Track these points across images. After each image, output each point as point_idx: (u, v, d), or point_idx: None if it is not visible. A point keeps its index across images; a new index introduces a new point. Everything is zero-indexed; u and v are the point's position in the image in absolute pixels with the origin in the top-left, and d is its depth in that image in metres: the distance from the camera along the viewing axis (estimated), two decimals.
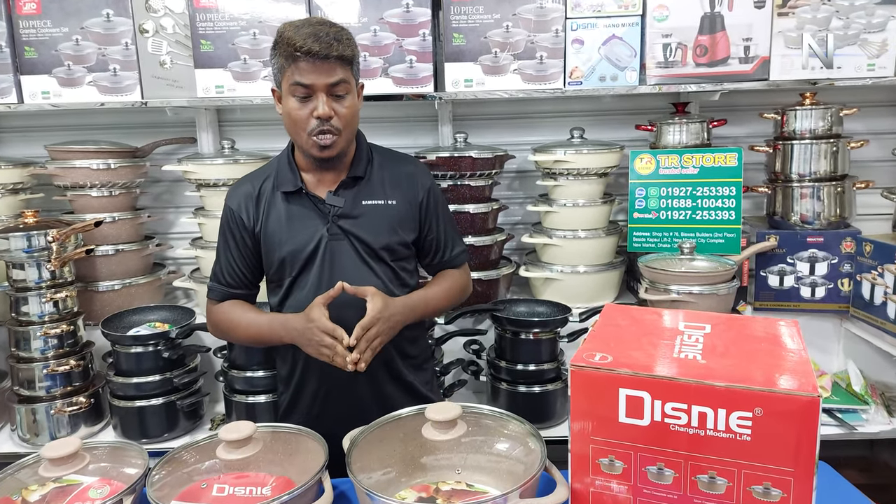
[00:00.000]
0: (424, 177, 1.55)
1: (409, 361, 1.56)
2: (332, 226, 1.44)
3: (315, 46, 1.31)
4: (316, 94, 1.35)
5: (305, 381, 1.52)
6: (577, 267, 2.23)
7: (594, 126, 2.44)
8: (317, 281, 1.44)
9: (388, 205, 1.48)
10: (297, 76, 1.34)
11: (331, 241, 1.44)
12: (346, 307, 1.41)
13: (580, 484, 0.99)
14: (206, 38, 2.10)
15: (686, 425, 0.91)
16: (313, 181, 1.48)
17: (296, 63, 1.34)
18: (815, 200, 2.15)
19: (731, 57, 2.06)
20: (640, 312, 1.20)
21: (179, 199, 2.58)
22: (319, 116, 1.35)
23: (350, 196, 1.46)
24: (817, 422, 0.85)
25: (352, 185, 1.47)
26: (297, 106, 1.37)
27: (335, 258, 1.44)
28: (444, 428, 1.12)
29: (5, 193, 2.27)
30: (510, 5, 2.05)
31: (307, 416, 1.52)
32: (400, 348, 1.52)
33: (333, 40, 1.33)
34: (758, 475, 0.88)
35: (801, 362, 0.97)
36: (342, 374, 1.46)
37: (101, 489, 1.13)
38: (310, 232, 1.44)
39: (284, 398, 1.58)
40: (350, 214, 1.45)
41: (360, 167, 1.48)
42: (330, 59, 1.33)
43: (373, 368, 1.47)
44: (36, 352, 1.99)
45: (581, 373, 0.96)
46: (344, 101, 1.38)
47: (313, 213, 1.46)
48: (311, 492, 1.07)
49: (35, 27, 2.14)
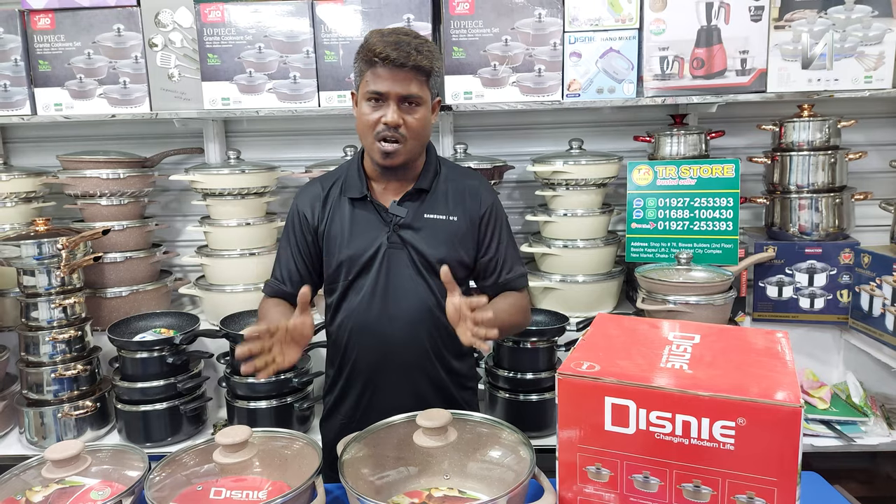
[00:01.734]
0: (488, 193, 1.54)
1: (455, 378, 1.57)
2: (392, 234, 1.46)
3: (394, 54, 1.34)
4: (388, 101, 1.37)
5: (351, 385, 1.54)
6: (576, 276, 2.25)
7: (593, 137, 2.46)
8: (372, 287, 1.46)
9: (449, 220, 1.48)
10: (372, 82, 1.37)
11: (389, 250, 1.46)
12: (394, 320, 1.45)
13: (568, 491, 1.01)
14: (213, 52, 2.15)
15: (671, 434, 0.93)
16: (379, 189, 1.51)
17: (373, 69, 1.37)
18: (814, 212, 2.16)
19: (727, 69, 2.08)
20: (631, 322, 1.22)
21: (187, 208, 2.63)
22: (387, 123, 1.37)
23: (413, 207, 1.48)
24: (799, 431, 0.87)
25: (416, 196, 1.49)
26: (368, 111, 1.39)
27: (392, 266, 1.46)
28: (434, 434, 1.14)
29: (18, 202, 2.33)
30: (509, 19, 2.09)
31: (349, 419, 1.54)
32: (447, 362, 1.53)
33: (413, 50, 1.35)
34: (742, 484, 0.90)
35: (787, 373, 0.98)
36: (388, 383, 1.50)
37: (103, 491, 1.16)
38: (370, 238, 1.46)
39: (329, 399, 1.60)
40: (411, 225, 1.47)
41: (427, 180, 1.49)
42: (406, 68, 1.35)
43: (419, 379, 1.50)
44: (45, 356, 2.03)
45: (568, 381, 0.98)
46: (415, 113, 1.40)
47: (376, 220, 1.48)
48: (304, 495, 1.10)
49: (49, 42, 2.21)
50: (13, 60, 2.22)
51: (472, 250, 1.51)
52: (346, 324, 1.51)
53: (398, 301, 1.46)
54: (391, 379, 1.50)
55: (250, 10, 2.14)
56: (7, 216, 2.31)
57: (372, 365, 1.51)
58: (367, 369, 1.51)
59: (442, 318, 1.49)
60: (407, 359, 1.49)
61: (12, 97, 2.25)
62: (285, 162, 2.53)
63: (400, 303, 1.46)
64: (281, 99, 2.18)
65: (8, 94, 2.24)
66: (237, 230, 2.28)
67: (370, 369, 1.51)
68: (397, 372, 1.50)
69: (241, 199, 2.27)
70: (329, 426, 1.60)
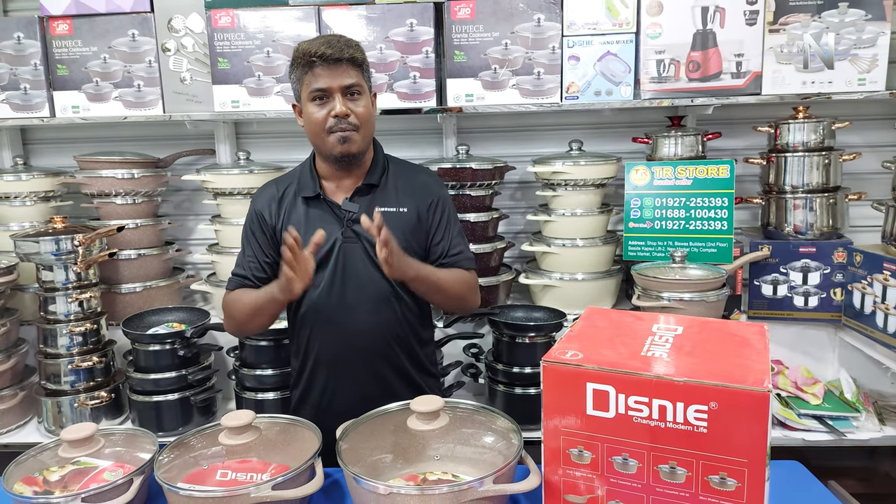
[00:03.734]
0: (437, 186, 1.64)
1: (418, 363, 1.64)
2: (346, 229, 1.54)
3: (328, 51, 1.44)
4: (332, 95, 1.47)
5: (315, 376, 1.61)
6: (576, 274, 2.30)
7: (593, 138, 2.51)
8: (330, 280, 1.54)
9: (400, 212, 1.57)
10: (313, 82, 1.47)
11: (344, 244, 1.54)
12: (352, 310, 1.52)
13: (553, 474, 1.06)
14: (223, 56, 2.23)
15: (647, 418, 0.98)
16: (331, 188, 1.59)
17: (312, 70, 1.46)
18: (808, 211, 2.19)
19: (723, 72, 2.12)
20: (619, 315, 1.27)
21: (198, 207, 2.71)
22: (337, 115, 1.46)
23: (365, 202, 1.56)
24: (767, 415, 0.91)
25: (367, 192, 1.57)
26: (315, 110, 1.48)
27: (348, 260, 1.54)
28: (427, 419, 1.20)
29: (37, 201, 2.42)
30: (508, 24, 2.15)
31: (317, 409, 1.61)
32: (409, 349, 1.61)
33: (344, 45, 1.47)
34: (714, 465, 0.95)
35: (760, 361, 1.03)
36: (351, 372, 1.57)
37: (115, 472, 1.23)
38: (325, 234, 1.52)
39: (296, 393, 1.68)
40: None
41: (376, 175, 1.58)
42: (342, 61, 1.45)
43: (381, 367, 1.57)
44: (62, 348, 2.11)
45: (552, 368, 1.04)
46: (359, 101, 1.49)
47: (330, 217, 1.56)
48: (303, 475, 1.16)
49: (66, 47, 2.30)
50: (33, 65, 2.31)
51: (423, 240, 1.59)
52: (307, 317, 1.58)
53: (356, 292, 1.54)
54: (354, 368, 1.57)
55: (259, 15, 2.21)
56: (26, 214, 2.40)
57: (335, 356, 1.58)
58: (330, 360, 1.58)
59: (399, 305, 1.57)
60: (368, 347, 1.56)
61: (32, 100, 2.34)
62: (293, 163, 2.54)
63: (358, 294, 1.53)
64: (288, 101, 2.25)
65: (28, 96, 2.33)
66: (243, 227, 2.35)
67: (333, 360, 1.58)
68: (360, 361, 1.57)
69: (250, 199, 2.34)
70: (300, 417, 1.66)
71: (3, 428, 2.16)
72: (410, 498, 1.06)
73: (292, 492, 1.12)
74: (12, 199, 2.38)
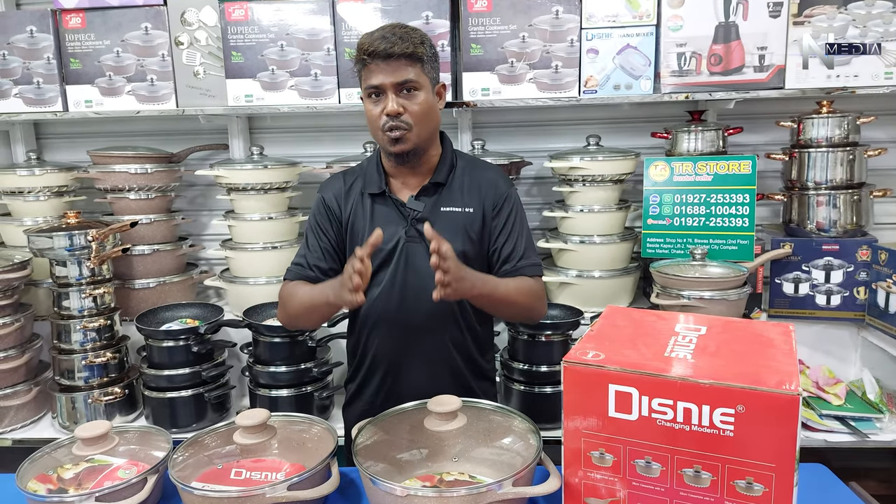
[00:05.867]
0: (504, 184, 1.57)
1: (473, 368, 1.61)
2: (410, 228, 1.50)
3: (381, 46, 1.39)
4: (386, 93, 1.42)
5: (372, 374, 1.59)
6: (592, 272, 2.26)
7: (611, 133, 2.48)
8: (391, 280, 1.50)
9: (465, 212, 1.52)
10: (368, 79, 1.43)
11: (408, 243, 1.50)
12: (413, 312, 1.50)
13: (573, 476, 1.04)
14: (236, 50, 2.21)
15: (672, 420, 0.95)
16: (397, 185, 1.55)
17: (367, 66, 1.42)
18: (831, 208, 2.15)
19: (745, 66, 2.08)
20: (640, 314, 1.24)
21: (212, 203, 2.70)
22: (389, 113, 1.42)
23: (430, 201, 1.52)
24: (797, 419, 0.88)
25: (433, 191, 1.53)
26: (371, 107, 1.45)
27: (410, 259, 1.50)
28: (445, 419, 1.18)
29: (51, 196, 2.41)
30: (526, 16, 2.11)
31: (370, 405, 1.58)
32: (467, 353, 1.58)
33: (398, 39, 1.39)
34: (741, 470, 0.92)
35: (788, 363, 1.00)
36: (407, 372, 1.54)
37: (130, 470, 1.22)
38: (389, 232, 1.49)
39: (351, 387, 1.66)
40: (428, 219, 1.49)
41: (443, 174, 1.53)
42: (394, 57, 1.39)
43: (438, 369, 1.55)
44: (76, 344, 2.11)
45: (573, 369, 1.01)
46: (415, 98, 1.43)
47: (395, 214, 1.52)
48: (319, 475, 1.15)
49: (79, 40, 2.29)
50: (46, 59, 2.30)
51: (487, 241, 1.55)
52: (367, 316, 1.56)
53: (417, 293, 1.50)
54: (411, 368, 1.55)
55: (273, 8, 2.19)
56: (40, 209, 2.40)
57: (392, 355, 1.55)
58: (387, 359, 1.56)
59: (459, 309, 1.53)
60: (426, 349, 1.54)
61: (45, 94, 2.33)
62: (307, 158, 2.58)
63: (419, 295, 1.49)
64: (302, 96, 2.23)
65: (41, 91, 2.33)
66: (260, 224, 2.34)
67: (391, 359, 1.56)
68: (417, 361, 1.54)
69: (264, 194, 2.33)
70: (351, 412, 1.65)
71: (18, 423, 2.16)
72: (428, 500, 1.04)
73: (308, 492, 1.10)
74: (26, 194, 2.38)
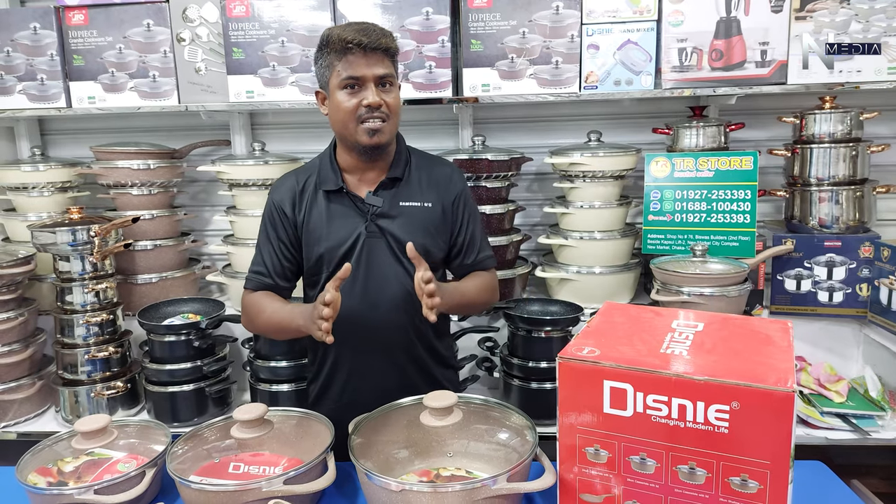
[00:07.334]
0: (460, 180, 1.61)
1: (436, 357, 1.62)
2: (370, 224, 1.51)
3: (365, 39, 1.40)
4: (365, 84, 1.42)
5: (336, 371, 1.59)
6: (593, 268, 2.26)
7: (612, 129, 2.47)
8: (352, 277, 1.50)
9: (424, 207, 1.54)
10: (347, 70, 1.42)
11: (368, 239, 1.51)
12: (375, 306, 1.50)
13: (568, 472, 1.04)
14: (237, 46, 2.22)
15: (666, 417, 0.95)
16: (354, 181, 1.55)
17: (346, 57, 1.42)
18: (834, 204, 2.13)
19: (747, 61, 2.07)
20: (637, 311, 1.24)
21: (214, 198, 2.71)
22: (370, 105, 1.42)
23: (388, 196, 1.52)
24: (792, 416, 0.88)
25: (390, 185, 1.53)
26: (346, 98, 1.44)
27: (371, 255, 1.51)
28: (441, 414, 1.18)
29: (54, 191, 2.43)
30: (526, 12, 2.11)
31: (337, 403, 1.59)
32: (428, 342, 1.59)
33: (379, 34, 1.43)
34: (735, 467, 0.92)
35: (784, 360, 0.99)
36: (372, 366, 1.55)
37: (129, 463, 1.23)
38: (348, 229, 1.51)
39: (314, 387, 1.66)
40: (388, 214, 1.51)
41: (399, 168, 1.54)
42: (379, 50, 1.42)
43: (402, 361, 1.56)
44: (78, 338, 2.13)
45: (568, 364, 1.01)
46: (391, 93, 1.46)
47: (353, 211, 1.52)
48: (315, 470, 1.15)
49: (82, 37, 2.30)
50: (49, 55, 2.32)
51: (446, 234, 1.56)
52: None
53: (379, 288, 1.51)
54: (375, 362, 1.55)
55: (274, 4, 2.19)
56: (44, 205, 2.41)
57: (356, 351, 1.55)
58: (352, 355, 1.56)
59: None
60: (390, 342, 1.54)
61: (48, 90, 2.34)
62: (308, 154, 2.58)
63: (381, 289, 1.51)
64: (303, 92, 2.24)
65: (45, 87, 2.34)
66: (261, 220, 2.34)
67: (355, 355, 1.56)
68: (381, 355, 1.55)
69: (266, 190, 2.33)
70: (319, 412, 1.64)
71: (22, 417, 2.18)
72: (423, 495, 1.04)
73: (304, 486, 1.11)
74: (30, 190, 2.39)
